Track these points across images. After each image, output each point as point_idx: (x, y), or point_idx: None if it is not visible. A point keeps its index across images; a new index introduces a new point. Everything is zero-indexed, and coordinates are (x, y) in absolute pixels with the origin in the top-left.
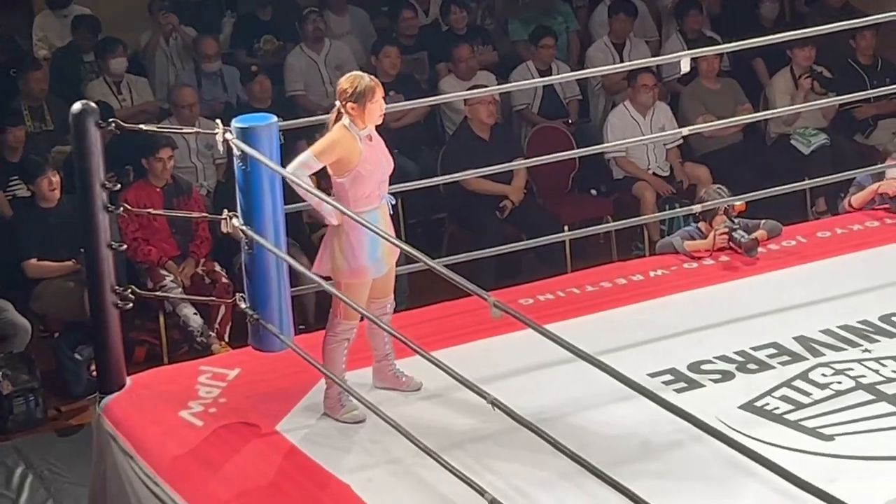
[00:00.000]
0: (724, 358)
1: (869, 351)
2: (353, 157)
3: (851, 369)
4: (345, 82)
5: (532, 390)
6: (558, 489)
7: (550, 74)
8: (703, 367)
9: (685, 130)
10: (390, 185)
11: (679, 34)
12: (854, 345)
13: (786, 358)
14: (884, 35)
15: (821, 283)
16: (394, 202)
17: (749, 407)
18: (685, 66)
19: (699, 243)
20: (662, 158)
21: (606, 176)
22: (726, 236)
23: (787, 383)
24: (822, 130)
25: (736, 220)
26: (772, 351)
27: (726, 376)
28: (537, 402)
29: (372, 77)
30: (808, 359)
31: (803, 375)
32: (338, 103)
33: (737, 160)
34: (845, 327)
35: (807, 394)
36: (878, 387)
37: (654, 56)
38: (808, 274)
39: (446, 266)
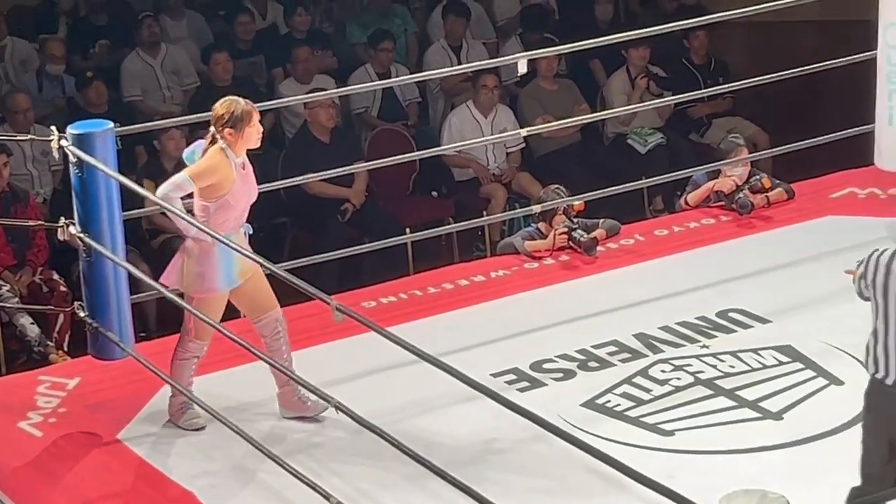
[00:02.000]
0: (565, 356)
1: (707, 347)
2: (226, 184)
3: (690, 365)
4: (220, 108)
5: (376, 393)
6: (403, 491)
7: (389, 77)
8: (546, 366)
9: (524, 131)
10: None
11: (517, 36)
12: (692, 341)
13: (626, 355)
14: (717, 35)
15: (659, 280)
16: (251, 232)
17: (591, 404)
18: (522, 68)
19: (539, 243)
20: (503, 160)
21: (447, 178)
22: (566, 236)
23: (628, 380)
24: (658, 130)
25: (575, 220)
26: (612, 349)
27: (568, 375)
28: (381, 405)
29: (248, 101)
30: (647, 356)
31: (643, 372)
32: (213, 129)
33: (575, 160)
34: (684, 324)
35: (647, 390)
36: (716, 382)
37: (492, 58)
38: (647, 272)
39: (288, 270)
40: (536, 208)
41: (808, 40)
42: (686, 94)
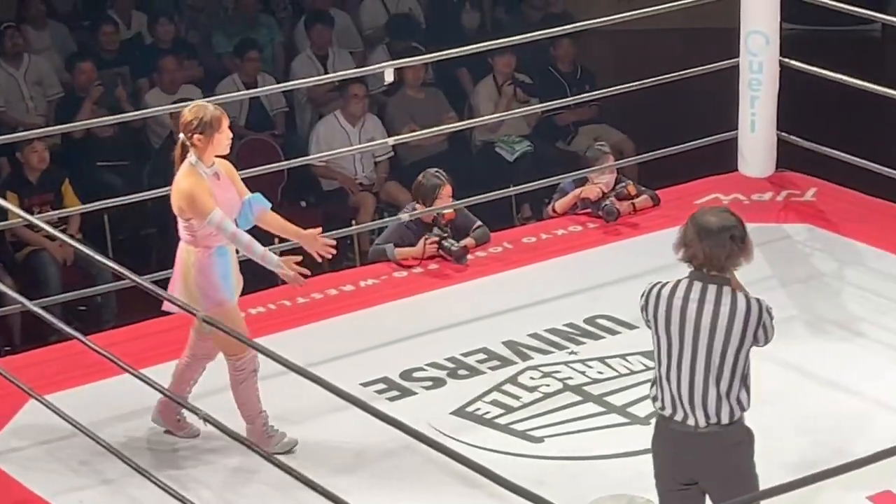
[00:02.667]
0: (435, 365)
1: (575, 353)
2: (206, 196)
3: (559, 372)
4: (188, 114)
5: None
6: (272, 501)
7: (256, 87)
8: (415, 374)
9: (391, 140)
10: (96, 200)
11: (384, 46)
12: (561, 347)
13: (495, 363)
14: (583, 43)
15: (528, 287)
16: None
17: (461, 412)
18: (389, 77)
19: (409, 251)
20: (371, 169)
21: (315, 187)
22: (436, 245)
23: (498, 388)
24: (525, 137)
25: (446, 229)
26: (482, 356)
27: (438, 383)
28: None
29: (216, 106)
30: (517, 363)
31: (513, 379)
32: (182, 136)
33: (443, 169)
34: (552, 330)
35: (516, 397)
36: (584, 388)
37: (359, 67)
38: (516, 279)
39: (155, 282)
40: (405, 217)
41: (672, 48)
42: (553, 102)
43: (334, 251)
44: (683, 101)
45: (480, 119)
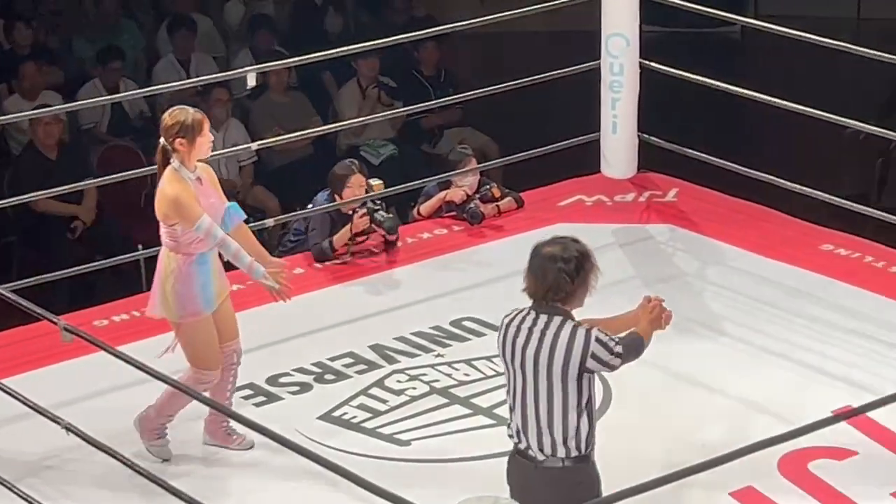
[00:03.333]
0: (301, 370)
1: (441, 356)
2: (193, 203)
3: (425, 374)
4: (169, 118)
5: (107, 412)
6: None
7: (118, 92)
8: (282, 379)
9: (255, 145)
10: None
11: (248, 49)
12: (427, 350)
13: (362, 367)
14: (448, 47)
15: (394, 291)
16: None
17: (328, 417)
18: (251, 81)
19: (343, 231)
20: (236, 174)
21: None
22: (367, 217)
23: (364, 391)
24: (390, 141)
25: (378, 202)
26: (348, 360)
27: (304, 388)
28: (113, 425)
29: (197, 109)
30: (383, 366)
31: (379, 383)
32: (163, 141)
33: (308, 173)
34: (418, 334)
35: (383, 401)
36: (451, 390)
37: (222, 71)
38: (381, 282)
39: (17, 290)
40: (270, 222)
41: (535, 51)
42: (417, 106)
43: (289, 299)
44: (547, 103)
45: (346, 122)
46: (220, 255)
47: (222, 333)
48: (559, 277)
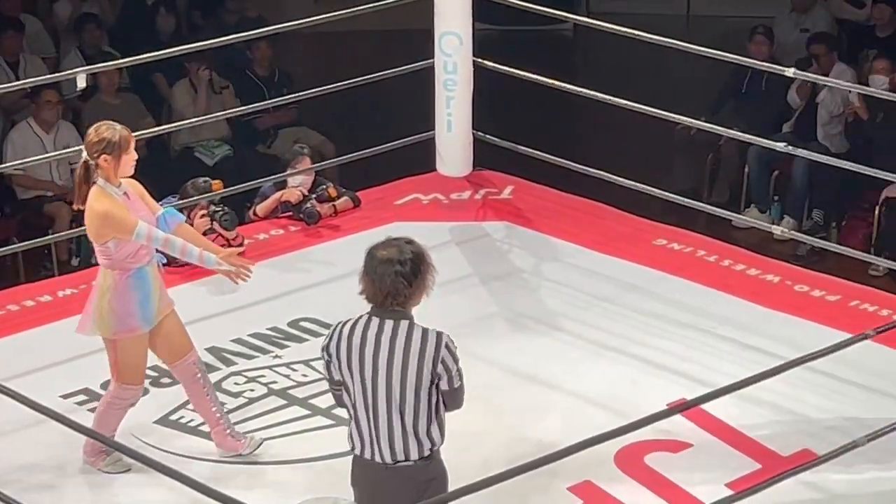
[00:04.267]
0: None
1: (279, 357)
2: (124, 213)
3: (263, 376)
4: (94, 134)
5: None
6: None
7: None
8: None
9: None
10: None
11: (77, 50)
12: (265, 352)
13: None
14: (282, 47)
15: (231, 292)
16: (164, 262)
17: (164, 421)
18: (81, 83)
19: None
20: (67, 177)
21: (10, 196)
22: (208, 218)
23: None
24: (225, 141)
25: (219, 205)
26: None
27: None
28: None
29: (124, 126)
30: (221, 368)
31: (217, 385)
32: (85, 156)
33: (142, 174)
34: (256, 335)
35: (221, 403)
36: (289, 391)
37: (51, 73)
38: (219, 284)
39: None
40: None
41: (370, 50)
42: (251, 106)
43: (250, 276)
44: (383, 102)
45: (181, 123)
46: (179, 264)
47: (175, 349)
48: (397, 282)
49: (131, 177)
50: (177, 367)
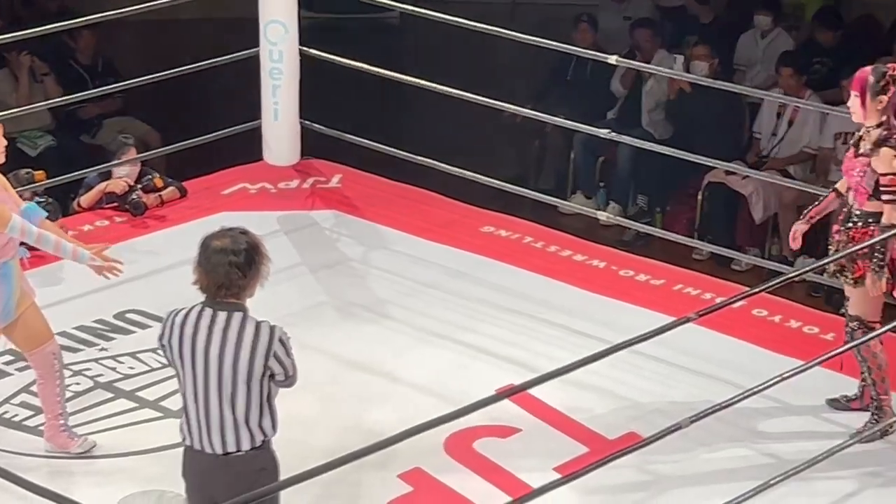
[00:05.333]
0: None
1: (106, 349)
2: None
3: (90, 369)
4: None
5: None
6: None
7: None
8: None
9: None
10: None
11: None
12: (91, 344)
13: (22, 364)
14: (106, 36)
15: (56, 285)
16: (27, 255)
17: None
18: None
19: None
20: None
21: None
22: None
23: (26, 389)
24: (48, 132)
25: (42, 196)
26: (8, 358)
27: None
28: None
29: None
30: None
31: None
32: None
33: None
34: (81, 328)
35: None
36: (115, 384)
37: None
38: (44, 277)
39: None
40: None
41: (197, 38)
42: (75, 95)
43: (121, 272)
44: (211, 91)
45: (2, 113)
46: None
47: (34, 338)
48: (231, 272)
49: None
50: (34, 354)
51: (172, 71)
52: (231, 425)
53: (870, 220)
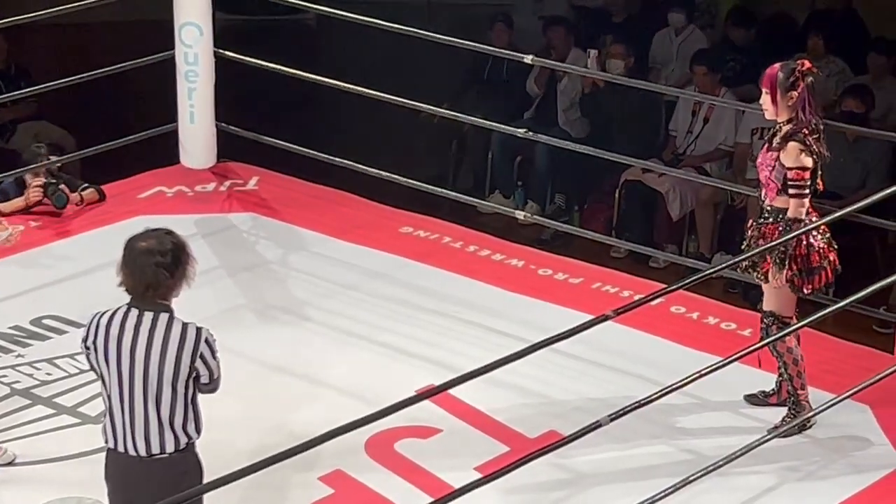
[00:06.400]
0: None
1: (22, 356)
2: None
3: (6, 376)
4: None
5: None
6: None
7: None
8: None
9: None
10: None
11: None
12: (7, 351)
13: None
14: (18, 39)
15: None
16: None
17: None
18: None
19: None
20: None
21: None
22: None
23: None
24: None
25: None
26: None
27: None
28: None
29: None
30: None
31: None
32: None
33: None
34: None
35: None
36: (32, 391)
37: None
38: None
39: None
40: None
41: (111, 41)
42: None
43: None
44: (126, 94)
45: None
46: None
47: None
48: (157, 273)
49: None
50: None
51: (87, 74)
52: (156, 427)
53: (780, 216)
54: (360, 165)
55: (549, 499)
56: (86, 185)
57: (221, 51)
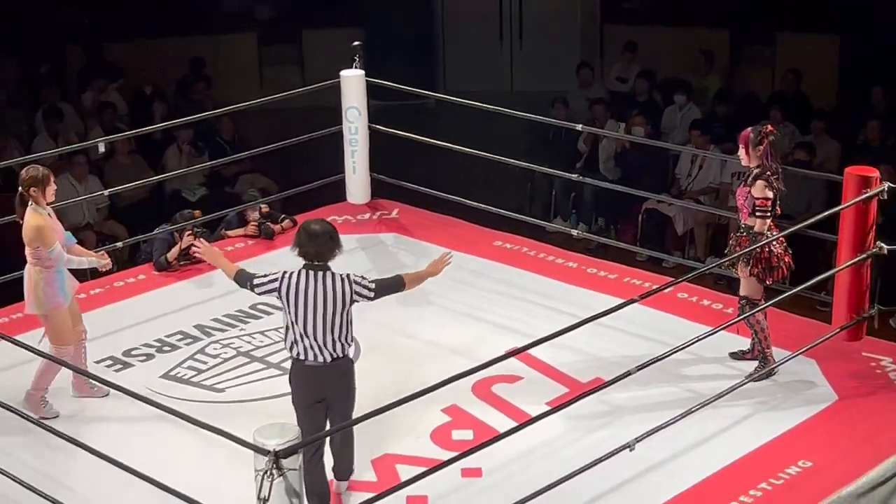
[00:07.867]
0: (146, 345)
1: (244, 329)
2: (49, 231)
3: (233, 343)
4: (24, 174)
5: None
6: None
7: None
8: (133, 352)
9: (107, 192)
10: None
11: (99, 127)
12: (234, 326)
13: (189, 340)
14: (239, 119)
15: (210, 287)
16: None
17: (167, 376)
18: (102, 148)
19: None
20: (93, 214)
21: None
22: (192, 235)
23: (192, 357)
24: (202, 185)
25: (202, 228)
26: (179, 336)
27: (149, 357)
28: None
29: (46, 167)
30: (203, 339)
31: (202, 350)
32: (21, 189)
33: (145, 211)
34: (228, 315)
35: (204, 363)
36: (251, 353)
37: (81, 142)
38: (202, 282)
39: None
40: (119, 244)
41: (301, 121)
42: (218, 161)
43: (109, 265)
44: (310, 155)
45: (171, 174)
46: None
47: (74, 319)
48: (331, 244)
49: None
50: (75, 328)
51: (285, 142)
52: (331, 342)
53: (750, 231)
54: (466, 200)
55: (596, 424)
56: (284, 216)
57: (374, 125)
